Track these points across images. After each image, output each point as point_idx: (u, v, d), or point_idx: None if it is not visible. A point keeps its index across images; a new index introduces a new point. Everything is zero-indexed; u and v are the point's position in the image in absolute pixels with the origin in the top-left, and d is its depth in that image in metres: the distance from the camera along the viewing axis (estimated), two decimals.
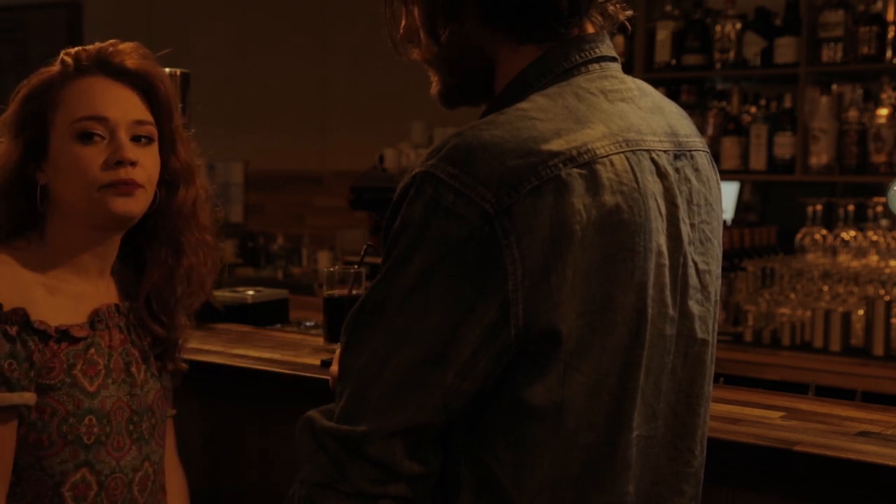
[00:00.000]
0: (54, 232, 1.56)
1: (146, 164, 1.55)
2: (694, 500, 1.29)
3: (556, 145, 1.10)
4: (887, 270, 3.73)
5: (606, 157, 1.13)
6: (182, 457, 1.80)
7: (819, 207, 3.96)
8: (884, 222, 3.84)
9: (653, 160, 1.18)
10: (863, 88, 3.97)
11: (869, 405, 1.85)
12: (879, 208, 3.85)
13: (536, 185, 1.08)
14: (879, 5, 3.86)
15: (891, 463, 1.47)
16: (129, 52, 1.58)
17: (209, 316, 2.51)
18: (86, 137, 1.52)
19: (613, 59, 1.26)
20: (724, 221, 4.63)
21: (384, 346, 1.12)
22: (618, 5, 1.27)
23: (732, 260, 4.19)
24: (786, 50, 3.99)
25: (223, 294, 2.60)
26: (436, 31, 1.25)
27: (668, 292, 1.18)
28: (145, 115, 1.57)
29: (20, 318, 1.47)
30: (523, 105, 1.15)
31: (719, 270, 1.29)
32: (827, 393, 2.96)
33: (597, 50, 1.23)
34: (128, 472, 1.55)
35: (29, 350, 1.47)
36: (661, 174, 1.19)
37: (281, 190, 6.04)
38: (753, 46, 4.07)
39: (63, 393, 1.49)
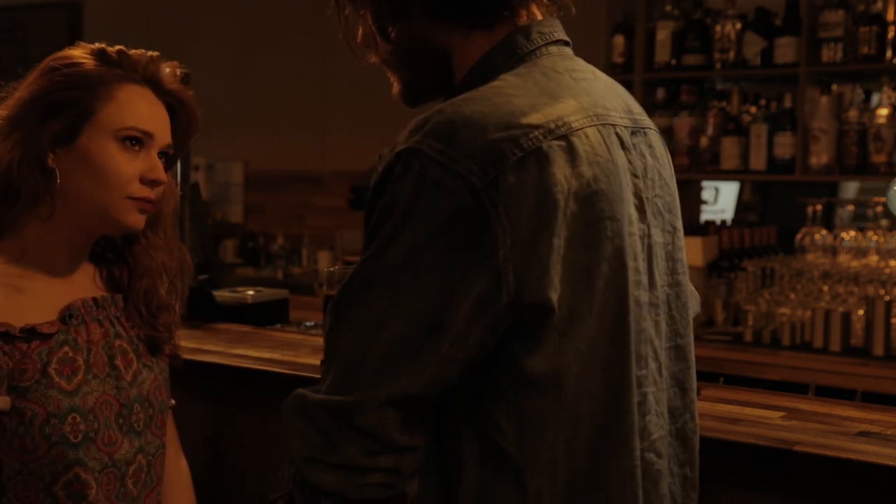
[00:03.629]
0: (38, 222, 1.53)
1: (157, 192, 1.58)
2: (666, 460, 1.30)
3: (534, 118, 1.14)
4: (887, 270, 3.73)
5: (581, 129, 1.17)
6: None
7: (819, 207, 3.96)
8: (884, 222, 3.84)
9: (617, 134, 1.22)
10: (863, 88, 3.97)
11: (869, 405, 1.85)
12: (879, 208, 3.85)
13: (520, 157, 1.11)
14: (879, 5, 3.86)
15: (891, 463, 1.47)
16: (172, 73, 1.61)
17: (209, 316, 2.52)
18: (129, 144, 1.53)
19: (567, 43, 1.31)
20: (724, 221, 4.66)
21: (376, 320, 1.13)
22: None
23: (732, 260, 4.19)
24: (786, 50, 3.99)
25: (223, 294, 2.60)
26: (386, 31, 1.29)
27: (640, 261, 1.22)
28: (171, 137, 1.60)
29: None
30: (497, 83, 1.18)
31: (680, 243, 1.34)
32: (827, 393, 2.96)
33: (554, 34, 1.28)
34: (121, 466, 1.54)
35: None
36: (625, 147, 1.23)
37: (281, 190, 6.03)
38: (753, 46, 4.07)
39: (40, 394, 1.47)
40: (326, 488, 1.13)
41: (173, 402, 1.72)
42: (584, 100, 1.20)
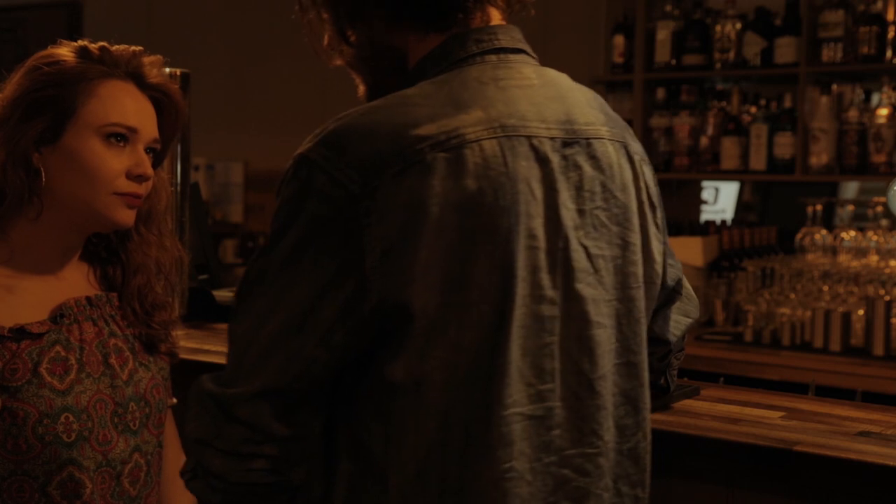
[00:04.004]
0: (26, 222, 1.53)
1: (146, 187, 1.58)
2: (604, 479, 1.28)
3: (425, 130, 1.15)
4: (887, 270, 3.73)
5: (476, 141, 1.17)
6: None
7: (819, 207, 3.96)
8: (884, 222, 3.84)
9: (532, 146, 1.21)
10: (863, 88, 3.97)
11: (869, 405, 1.85)
12: (879, 208, 3.85)
13: (401, 168, 1.14)
14: (879, 5, 3.86)
15: (891, 463, 1.47)
16: (156, 66, 1.60)
17: (209, 316, 2.51)
18: (114, 141, 1.53)
19: (517, 51, 1.29)
20: (724, 221, 4.66)
21: (262, 313, 1.19)
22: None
23: (732, 260, 4.19)
24: (786, 50, 3.99)
25: (223, 294, 2.60)
26: (345, 33, 1.31)
27: (543, 274, 1.20)
28: (157, 132, 1.60)
29: None
30: (408, 91, 1.21)
31: (634, 257, 1.30)
32: (827, 393, 2.96)
33: (497, 41, 1.27)
34: (116, 465, 1.53)
35: None
36: (541, 160, 1.21)
37: None
38: (753, 46, 4.07)
39: (31, 394, 1.46)
40: (213, 470, 1.19)
41: (174, 400, 1.71)
42: (495, 110, 1.20)
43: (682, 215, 4.52)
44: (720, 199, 5.54)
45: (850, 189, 5.16)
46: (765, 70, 4.07)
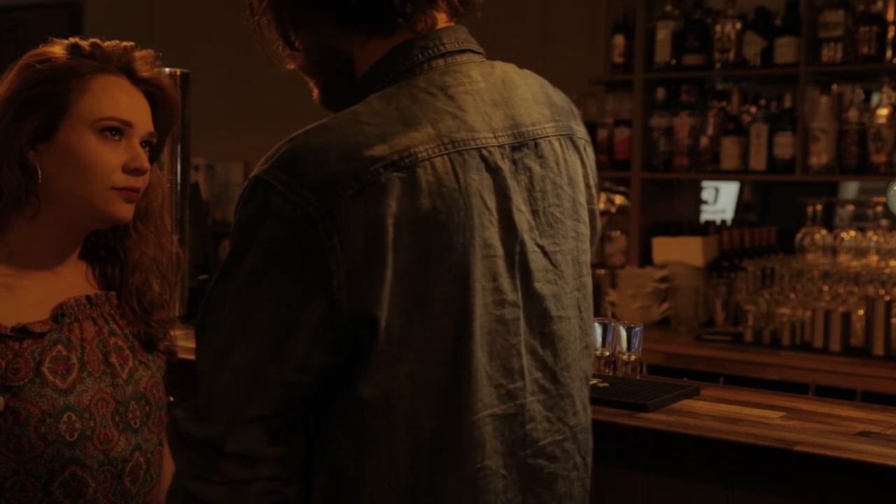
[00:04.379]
0: (24, 221, 1.53)
1: (143, 181, 1.58)
2: (570, 461, 1.34)
3: (378, 150, 1.16)
4: (887, 270, 3.73)
5: (428, 159, 1.18)
6: None
7: (819, 207, 3.96)
8: (884, 222, 3.84)
9: (483, 157, 1.23)
10: (863, 88, 3.97)
11: (869, 405, 1.85)
12: (879, 208, 3.85)
13: (357, 190, 1.15)
14: (879, 5, 3.86)
15: (891, 463, 1.47)
16: (148, 61, 1.60)
17: None
18: (109, 135, 1.53)
19: (462, 52, 1.29)
20: (724, 221, 4.66)
21: (224, 346, 1.19)
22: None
23: (732, 260, 4.19)
24: (786, 50, 3.99)
25: None
26: (289, 38, 1.33)
27: (503, 280, 1.24)
28: (152, 125, 1.60)
29: None
30: (357, 108, 1.22)
31: (584, 245, 1.36)
32: (827, 393, 2.96)
33: (442, 46, 1.27)
34: (118, 464, 1.53)
35: None
36: (492, 169, 1.24)
37: None
38: (753, 46, 4.07)
39: (34, 393, 1.47)
40: (212, 501, 1.19)
41: (171, 398, 1.71)
42: (444, 125, 1.21)
43: (682, 215, 4.52)
44: (720, 199, 5.53)
45: (850, 189, 5.16)
46: (765, 70, 4.06)
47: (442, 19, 1.30)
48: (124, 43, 1.60)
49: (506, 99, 1.30)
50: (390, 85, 1.25)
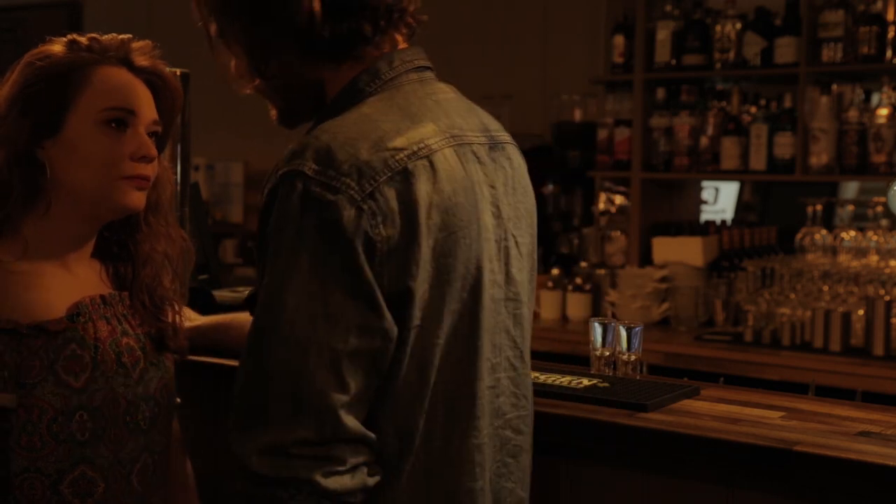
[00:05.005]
0: (37, 218, 1.54)
1: (152, 168, 1.58)
2: (529, 437, 1.49)
3: (399, 142, 1.28)
4: (887, 270, 3.73)
5: (440, 150, 1.31)
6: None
7: (819, 207, 3.96)
8: (884, 222, 3.84)
9: (473, 152, 1.37)
10: (863, 88, 3.97)
11: (869, 405, 1.85)
12: (879, 208, 3.85)
13: (390, 176, 1.25)
14: (879, 5, 3.86)
15: (891, 463, 1.47)
16: (146, 51, 1.61)
17: (210, 315, 2.51)
18: (115, 126, 1.53)
19: (429, 69, 1.43)
20: (724, 221, 4.67)
21: (305, 337, 1.22)
22: (416, 17, 1.42)
23: (732, 260, 4.19)
24: (786, 50, 3.99)
25: (224, 294, 2.60)
26: (260, 69, 1.41)
27: (495, 262, 1.38)
28: (156, 114, 1.60)
29: None
30: (364, 109, 1.32)
31: (535, 242, 1.50)
32: (827, 393, 2.96)
33: (416, 61, 1.40)
34: (126, 464, 1.53)
35: None
36: (481, 163, 1.38)
37: None
38: (753, 46, 4.07)
39: (48, 391, 1.47)
40: (343, 490, 1.23)
41: (178, 399, 1.71)
42: (442, 122, 1.34)
43: (682, 215, 4.52)
44: (720, 199, 5.53)
45: (850, 189, 5.16)
46: (765, 70, 4.06)
47: (401, 41, 1.41)
48: (121, 35, 1.61)
49: (472, 108, 1.44)
50: (374, 94, 1.35)
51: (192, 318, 1.94)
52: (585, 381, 1.89)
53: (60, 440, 1.47)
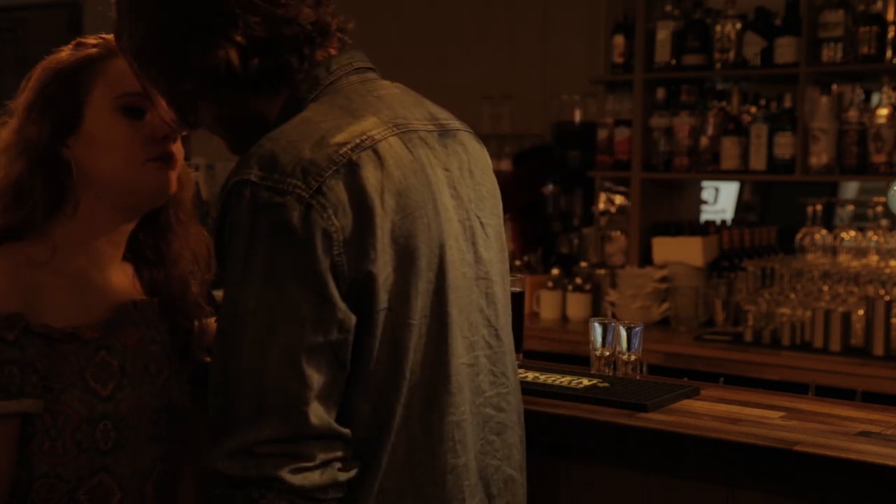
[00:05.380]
0: (66, 219, 1.54)
1: (177, 148, 1.59)
2: (514, 414, 1.49)
3: (341, 138, 1.29)
4: (887, 270, 3.73)
5: (384, 139, 1.32)
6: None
7: (819, 207, 3.96)
8: (884, 222, 3.84)
9: (421, 138, 1.38)
10: (863, 88, 3.97)
11: (869, 405, 1.85)
12: (879, 208, 3.85)
13: (335, 169, 1.26)
14: (879, 5, 3.86)
15: (891, 463, 1.47)
16: None
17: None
18: (132, 112, 1.54)
19: (371, 69, 1.45)
20: (724, 221, 4.68)
21: (261, 339, 1.23)
22: (344, 29, 1.43)
23: (732, 260, 4.19)
24: (786, 50, 3.99)
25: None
26: (188, 121, 1.44)
27: (461, 241, 1.39)
28: None
29: (20, 322, 1.45)
30: (305, 114, 1.33)
31: (501, 223, 1.51)
32: (827, 393, 2.96)
33: (354, 63, 1.42)
34: (144, 474, 1.53)
35: (30, 355, 1.44)
36: (431, 148, 1.39)
37: None
38: (753, 46, 4.07)
39: (75, 398, 1.46)
40: (313, 486, 1.23)
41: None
42: (383, 114, 1.35)
43: (682, 215, 4.52)
44: (720, 199, 5.53)
45: (850, 189, 5.16)
46: (765, 70, 4.06)
47: (334, 51, 1.41)
48: None
49: (418, 101, 1.45)
50: (316, 100, 1.36)
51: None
52: (585, 381, 1.89)
53: (83, 448, 1.47)
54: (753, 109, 4.19)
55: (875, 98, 4.03)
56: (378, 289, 1.26)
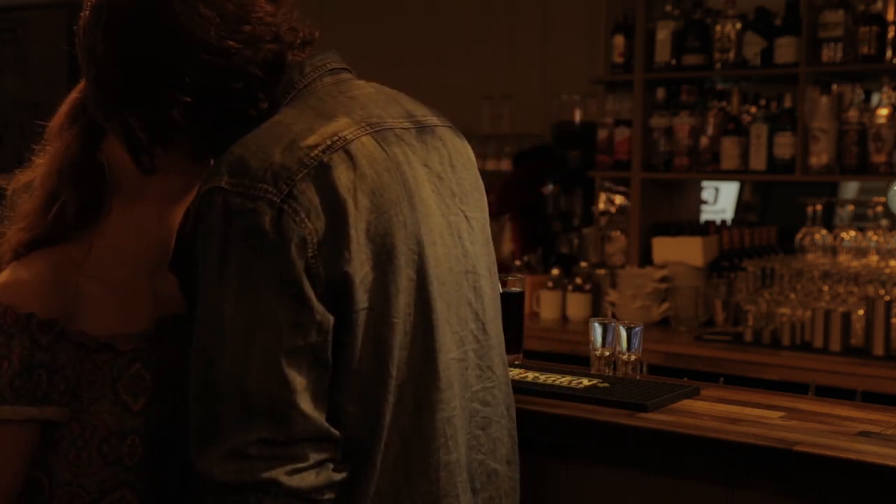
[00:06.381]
0: (107, 223, 1.51)
1: None
2: (500, 407, 1.48)
3: (312, 140, 1.29)
4: (887, 270, 3.73)
5: (356, 139, 1.32)
6: None
7: (819, 207, 3.96)
8: (884, 222, 3.84)
9: (397, 135, 1.38)
10: (863, 88, 3.97)
11: (869, 405, 1.85)
12: (879, 208, 3.85)
13: (306, 172, 1.26)
14: (879, 5, 3.86)
15: (891, 463, 1.47)
16: None
17: None
18: None
19: (344, 70, 1.44)
20: (724, 221, 4.68)
21: (241, 345, 1.23)
22: (308, 40, 1.42)
23: (732, 260, 4.19)
24: (786, 50, 3.99)
25: None
26: (148, 164, 1.42)
27: (446, 236, 1.39)
28: None
29: (55, 327, 1.42)
30: (276, 118, 1.34)
31: (487, 217, 1.51)
32: (827, 393, 2.96)
33: (328, 64, 1.42)
34: (162, 488, 1.49)
35: (61, 361, 1.42)
36: (408, 144, 1.39)
37: None
38: (753, 46, 4.07)
39: (104, 409, 1.43)
40: (305, 486, 1.24)
41: None
42: (356, 114, 1.35)
43: (682, 215, 4.52)
44: (720, 199, 5.54)
45: (850, 189, 5.16)
46: (765, 70, 4.06)
47: (300, 57, 1.41)
48: None
49: (394, 98, 1.44)
50: (290, 104, 1.36)
51: None
52: (585, 381, 1.89)
53: (109, 461, 1.44)
54: (753, 109, 4.19)
55: (875, 98, 4.03)
56: (356, 289, 1.26)
